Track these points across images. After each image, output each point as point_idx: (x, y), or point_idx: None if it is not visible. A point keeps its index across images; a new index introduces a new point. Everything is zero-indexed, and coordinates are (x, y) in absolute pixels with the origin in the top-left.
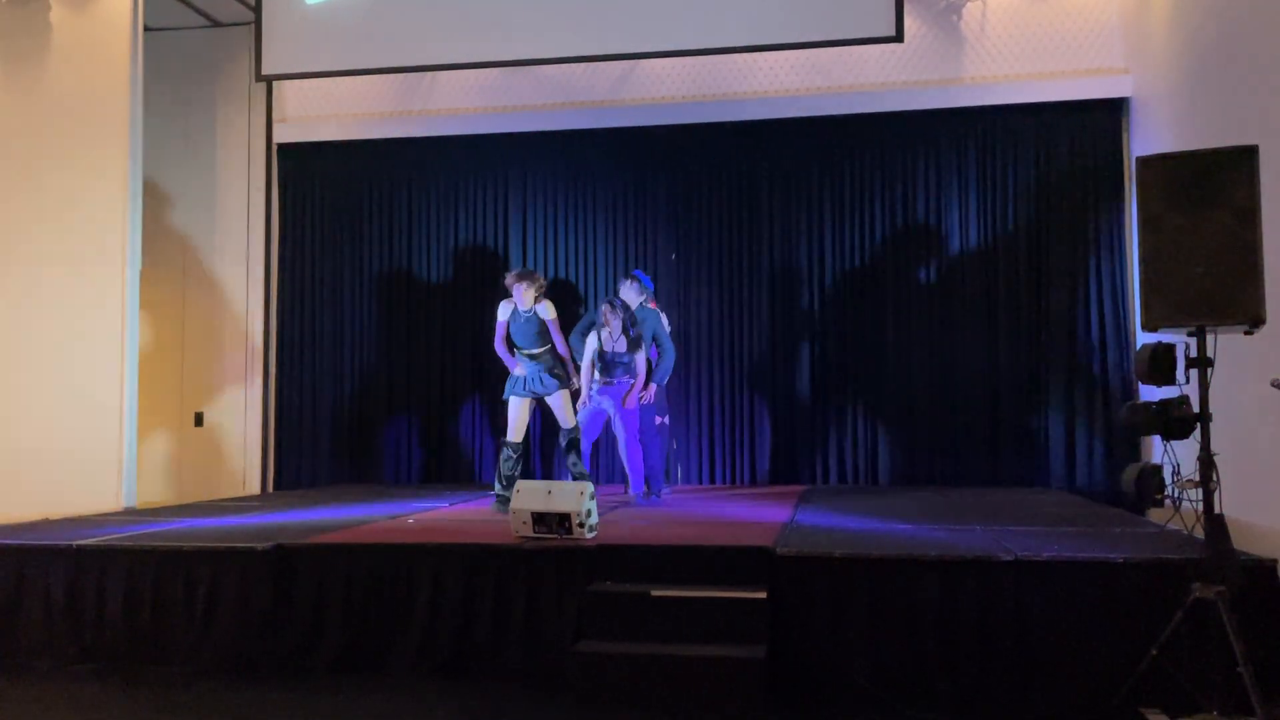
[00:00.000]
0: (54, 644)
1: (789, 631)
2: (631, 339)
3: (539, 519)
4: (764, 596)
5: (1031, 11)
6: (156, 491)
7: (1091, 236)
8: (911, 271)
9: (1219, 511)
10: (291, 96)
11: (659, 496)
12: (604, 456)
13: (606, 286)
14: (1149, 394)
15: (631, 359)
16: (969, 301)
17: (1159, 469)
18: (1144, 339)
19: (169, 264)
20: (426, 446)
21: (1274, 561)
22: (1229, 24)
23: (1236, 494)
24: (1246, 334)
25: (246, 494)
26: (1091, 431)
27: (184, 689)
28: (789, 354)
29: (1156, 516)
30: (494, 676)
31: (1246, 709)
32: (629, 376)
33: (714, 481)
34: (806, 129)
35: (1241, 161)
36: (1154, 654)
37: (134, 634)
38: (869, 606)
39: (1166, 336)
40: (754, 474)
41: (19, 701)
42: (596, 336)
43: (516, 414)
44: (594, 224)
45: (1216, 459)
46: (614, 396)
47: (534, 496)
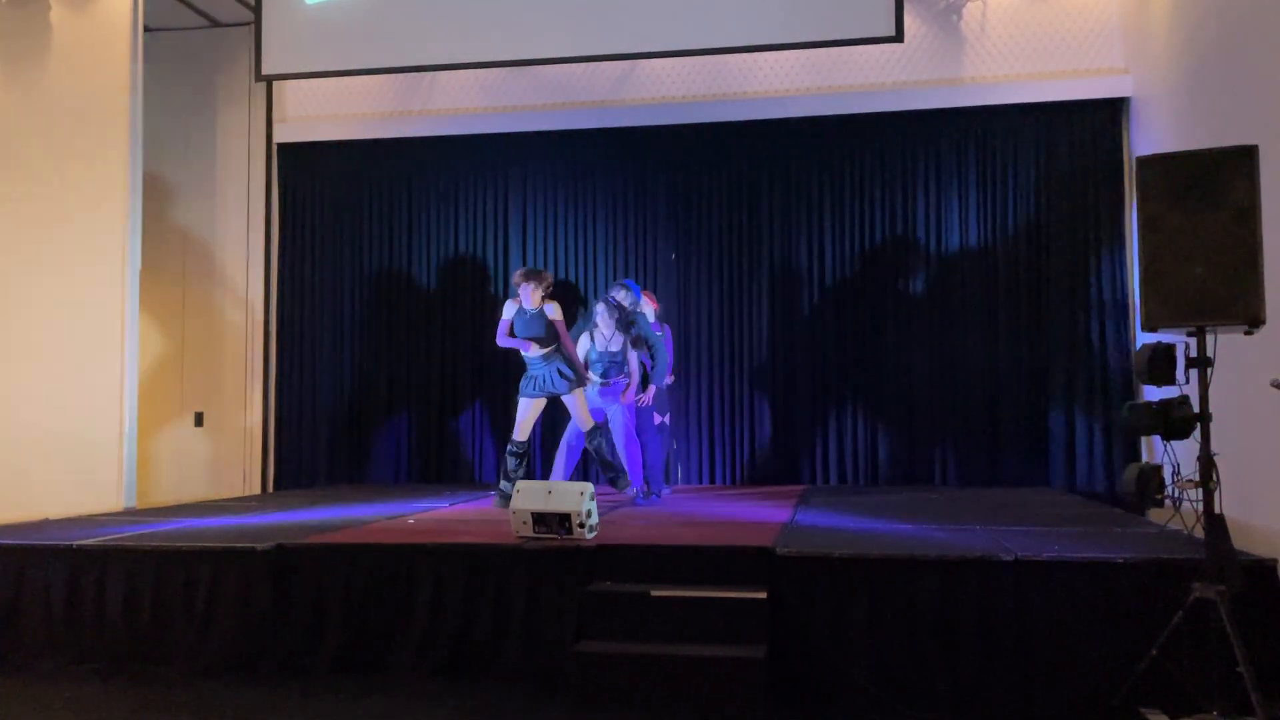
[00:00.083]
0: (54, 644)
1: (789, 631)
2: (631, 337)
3: (539, 519)
4: (764, 596)
5: (1031, 11)
6: (157, 491)
7: (1091, 236)
8: (911, 271)
9: (1219, 511)
10: (291, 96)
11: (659, 496)
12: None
13: (606, 286)
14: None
15: (624, 357)
16: (969, 301)
17: (1159, 469)
18: (1144, 339)
19: (169, 264)
20: (426, 446)
21: (1274, 561)
22: (1229, 24)
23: (1236, 494)
24: (1246, 334)
25: (246, 494)
26: (1091, 431)
27: (184, 689)
28: (789, 354)
29: (1156, 516)
30: (494, 676)
31: (1246, 709)
32: (623, 376)
33: (714, 481)
34: (806, 129)
35: (1241, 161)
36: (1154, 654)
37: (134, 634)
38: (869, 606)
39: (1166, 336)
40: (754, 474)
41: (19, 701)
42: (589, 337)
43: (525, 414)
44: (594, 224)
45: (1216, 459)
46: (610, 396)
47: (534, 496)
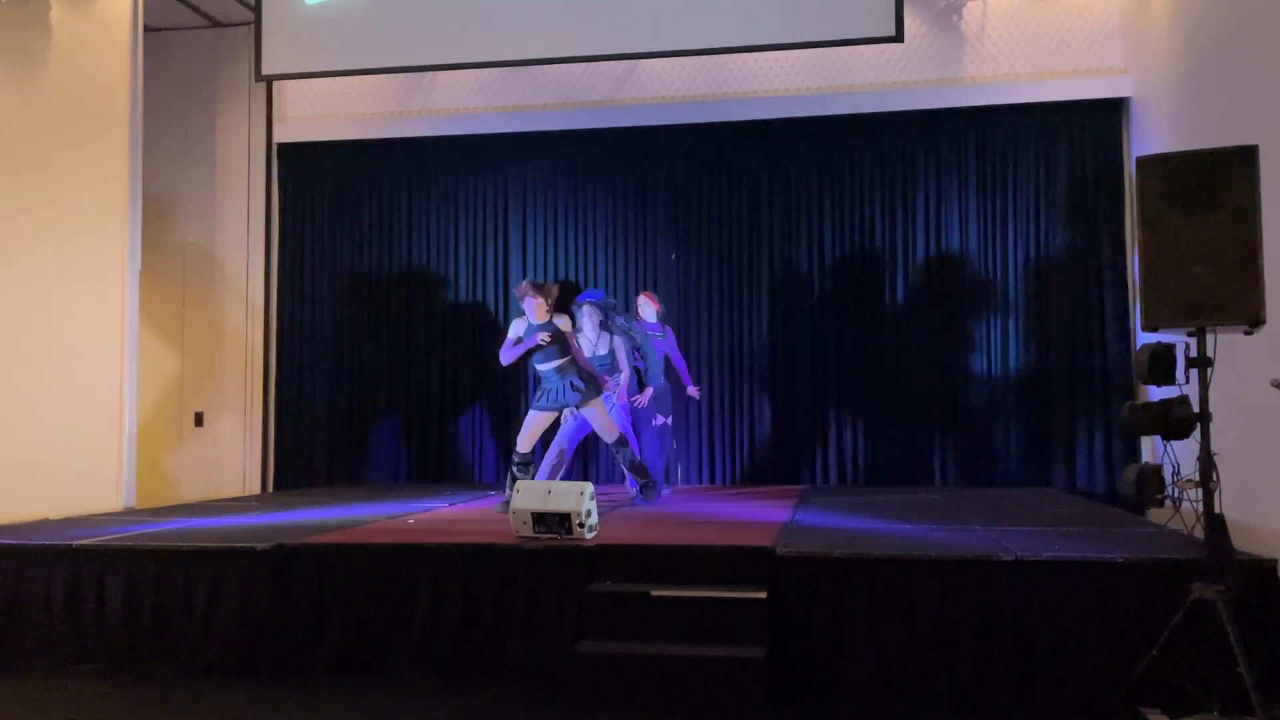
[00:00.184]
0: (54, 644)
1: (789, 631)
2: (613, 329)
3: (539, 519)
4: (764, 596)
5: (1031, 11)
6: (156, 491)
7: (1091, 236)
8: (911, 271)
9: (1219, 511)
10: (291, 96)
11: (659, 495)
12: (604, 457)
13: (606, 286)
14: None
15: (613, 358)
16: (968, 301)
17: (1159, 469)
18: (1144, 339)
19: (169, 264)
20: (426, 446)
21: (1274, 561)
22: (1229, 24)
23: (1236, 494)
24: (1246, 334)
25: (246, 494)
26: (1091, 431)
27: (184, 689)
28: (789, 353)
29: (1156, 516)
30: (494, 676)
31: (1246, 709)
32: (612, 375)
33: (714, 481)
34: (806, 129)
35: (1241, 161)
36: (1154, 654)
37: (134, 634)
38: (869, 606)
39: (1166, 336)
40: (754, 474)
41: (19, 701)
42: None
43: (531, 425)
44: (594, 224)
45: (1216, 459)
46: (607, 399)
47: (534, 497)
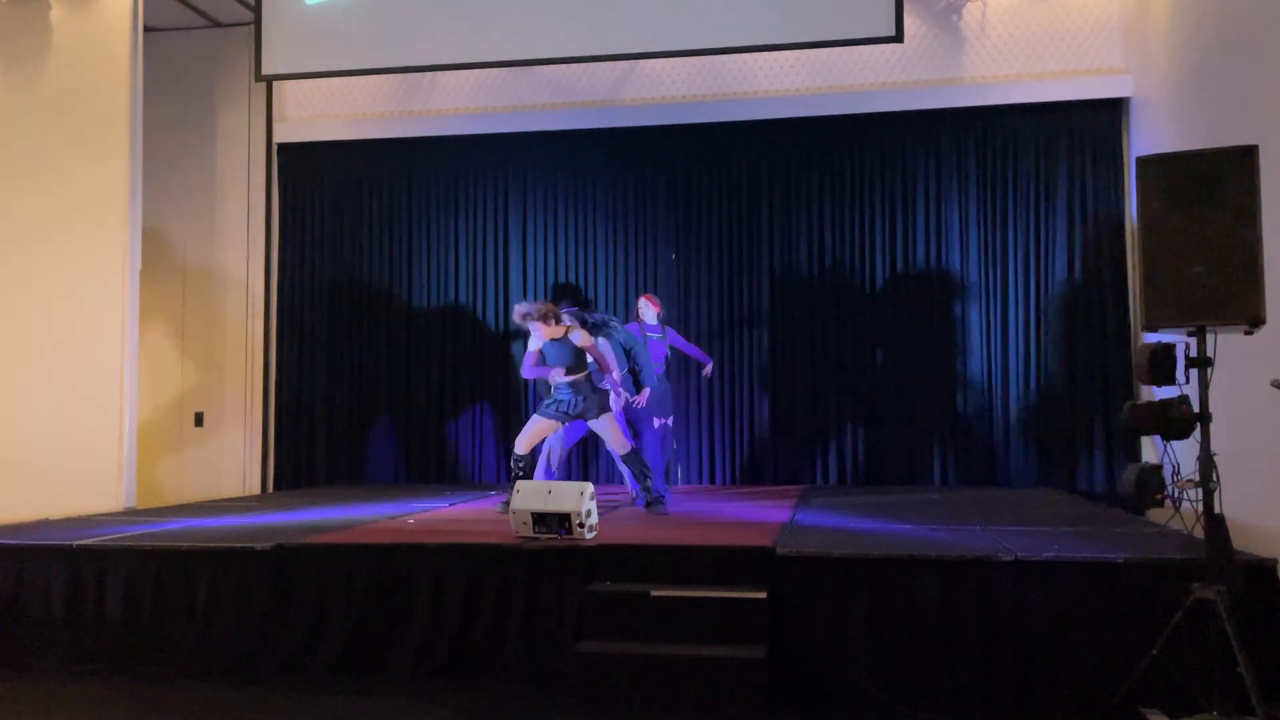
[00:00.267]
0: (54, 644)
1: (789, 631)
2: (592, 326)
3: (539, 519)
4: (764, 596)
5: (1031, 11)
6: (157, 492)
7: (1091, 236)
8: (911, 271)
9: (1219, 511)
10: (291, 96)
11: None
12: (604, 457)
13: (606, 285)
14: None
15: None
16: (968, 301)
17: (1159, 469)
18: (1144, 339)
19: (169, 264)
20: (426, 446)
21: (1274, 561)
22: (1229, 24)
23: (1236, 494)
24: (1246, 334)
25: (246, 494)
26: (1091, 431)
27: (184, 689)
28: (789, 353)
29: (1156, 516)
30: (494, 676)
31: (1246, 709)
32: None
33: (714, 481)
34: (806, 129)
35: (1241, 161)
36: (1154, 654)
37: (134, 634)
38: (869, 606)
39: (1166, 336)
40: (754, 474)
41: (19, 701)
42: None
43: (533, 428)
44: (594, 224)
45: (1216, 459)
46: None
47: (534, 497)
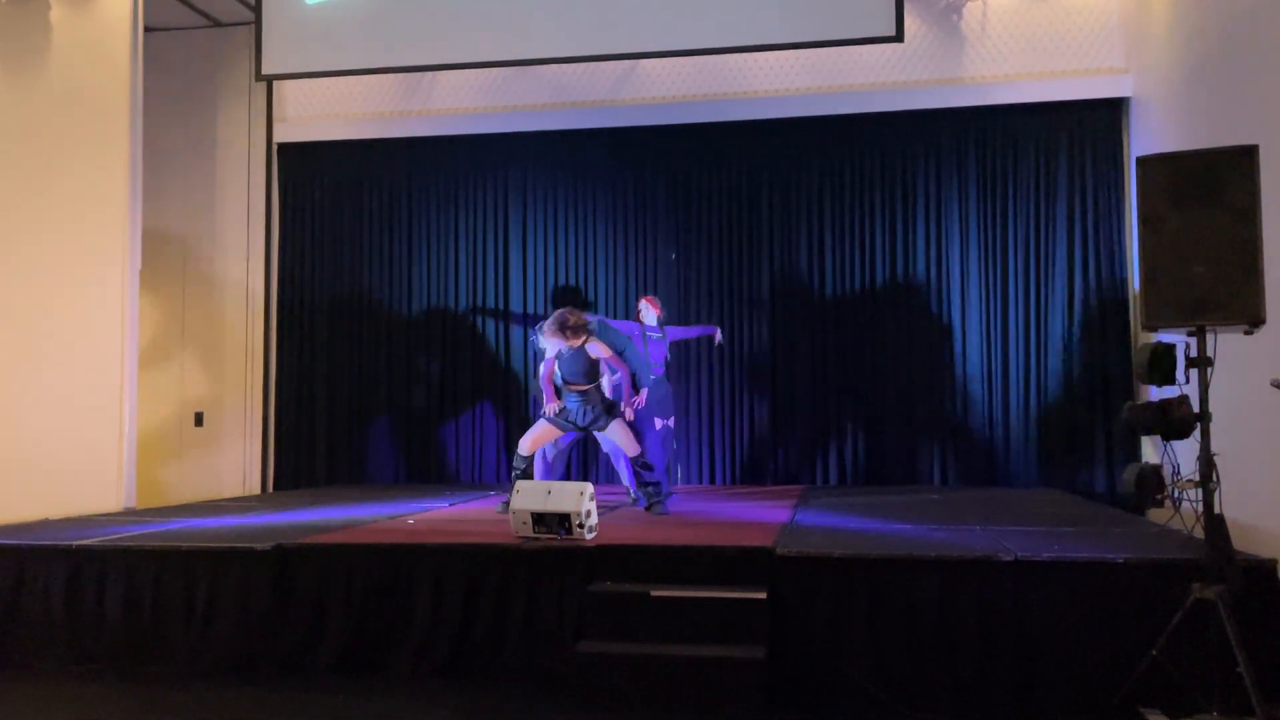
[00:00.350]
0: (54, 644)
1: (789, 631)
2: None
3: (539, 519)
4: (764, 596)
5: (1032, 11)
6: (157, 491)
7: (1091, 236)
8: (911, 271)
9: (1219, 511)
10: (291, 96)
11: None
12: (604, 458)
13: (606, 285)
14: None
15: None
16: (968, 301)
17: (1159, 469)
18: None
19: (169, 264)
20: (426, 447)
21: (1274, 561)
22: (1229, 24)
23: (1236, 494)
24: (1246, 334)
25: (246, 494)
26: (1091, 431)
27: (184, 689)
28: (789, 353)
29: (1156, 516)
30: (494, 676)
31: (1246, 709)
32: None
33: (714, 481)
34: (806, 129)
35: (1241, 161)
36: (1154, 654)
37: (134, 634)
38: (869, 606)
39: (1166, 336)
40: (754, 474)
41: (19, 701)
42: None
43: (538, 430)
44: (594, 224)
45: (1216, 459)
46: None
47: (534, 497)
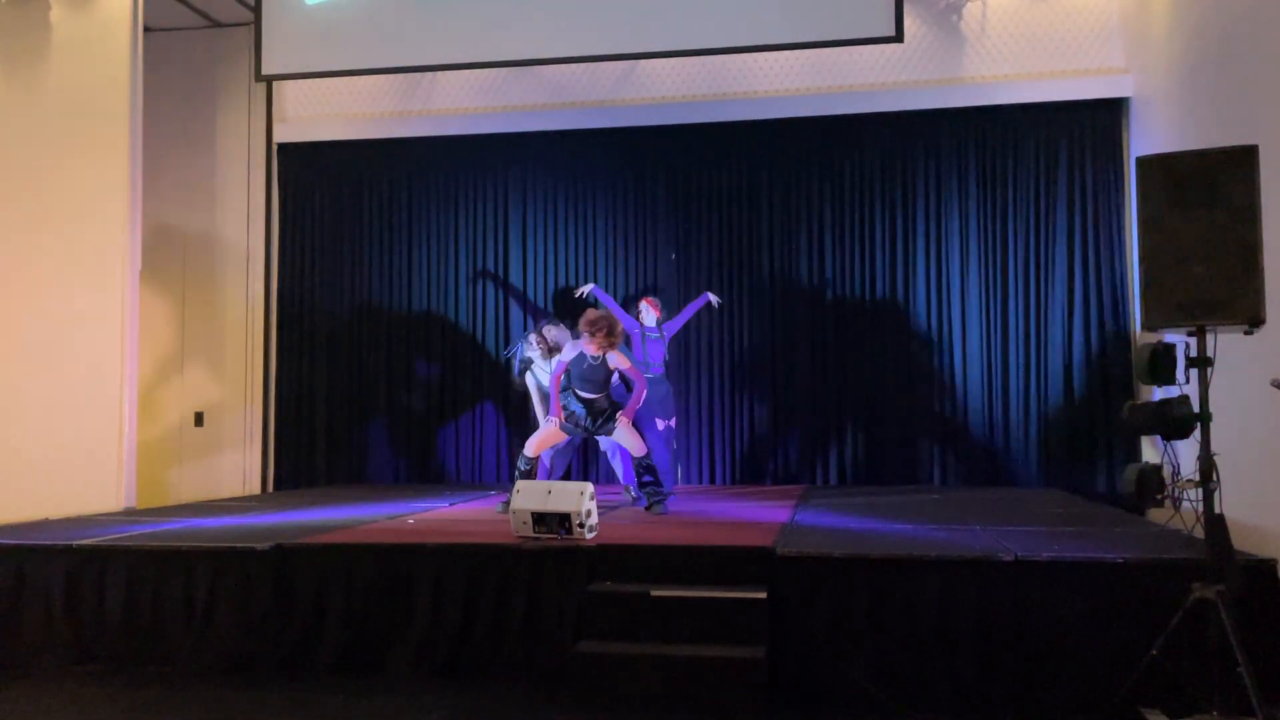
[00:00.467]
0: (54, 644)
1: (789, 631)
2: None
3: (539, 519)
4: (764, 596)
5: (1031, 11)
6: (156, 491)
7: (1091, 236)
8: (911, 271)
9: (1219, 511)
10: (291, 96)
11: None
12: (604, 458)
13: (606, 285)
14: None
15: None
16: (969, 301)
17: (1159, 469)
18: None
19: (169, 264)
20: (426, 447)
21: (1274, 561)
22: (1229, 24)
23: (1236, 494)
24: (1246, 334)
25: (246, 494)
26: (1091, 431)
27: (184, 689)
28: (789, 354)
29: (1156, 516)
30: (494, 676)
31: (1246, 709)
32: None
33: (714, 481)
34: (806, 129)
35: (1241, 161)
36: (1154, 654)
37: (134, 634)
38: (869, 606)
39: (1166, 336)
40: (754, 474)
41: (19, 701)
42: (534, 376)
43: (544, 433)
44: (594, 224)
45: (1216, 459)
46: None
47: (534, 497)
